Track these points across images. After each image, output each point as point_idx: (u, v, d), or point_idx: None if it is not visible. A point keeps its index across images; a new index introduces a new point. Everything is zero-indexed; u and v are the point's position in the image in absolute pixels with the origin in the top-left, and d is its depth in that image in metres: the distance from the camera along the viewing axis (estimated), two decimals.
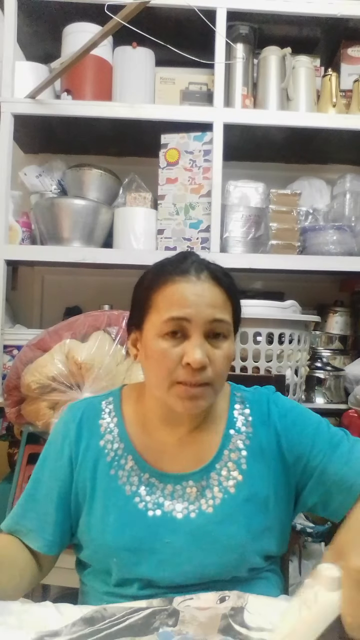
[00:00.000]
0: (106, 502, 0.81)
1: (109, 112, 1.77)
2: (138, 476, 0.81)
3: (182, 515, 0.79)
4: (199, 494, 0.80)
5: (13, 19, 1.74)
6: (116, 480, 0.81)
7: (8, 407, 1.50)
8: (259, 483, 0.81)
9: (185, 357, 0.74)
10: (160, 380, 0.77)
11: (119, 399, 0.89)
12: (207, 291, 0.77)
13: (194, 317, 0.75)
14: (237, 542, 0.78)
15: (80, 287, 2.08)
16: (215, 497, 0.79)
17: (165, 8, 1.74)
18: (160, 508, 0.79)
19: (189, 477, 0.81)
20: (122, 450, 0.83)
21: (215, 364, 0.76)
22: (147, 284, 0.81)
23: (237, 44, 1.83)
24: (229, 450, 0.83)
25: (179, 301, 0.76)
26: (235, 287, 0.82)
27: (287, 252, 1.80)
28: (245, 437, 0.84)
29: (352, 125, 1.81)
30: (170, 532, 0.78)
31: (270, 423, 0.84)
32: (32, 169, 1.96)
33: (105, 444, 0.84)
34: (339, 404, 1.80)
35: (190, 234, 1.79)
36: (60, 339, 1.43)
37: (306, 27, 1.89)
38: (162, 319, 0.76)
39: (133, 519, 0.79)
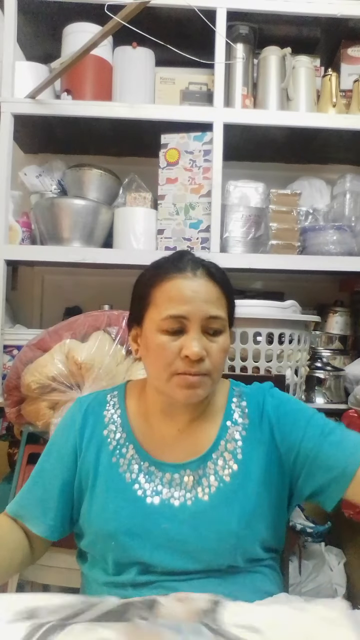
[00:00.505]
0: (107, 488, 0.85)
1: (109, 112, 1.77)
2: (138, 464, 0.86)
3: (179, 503, 0.82)
4: (196, 482, 0.83)
5: (13, 19, 1.74)
6: (117, 468, 0.86)
7: (8, 407, 1.50)
8: (254, 472, 0.85)
9: (183, 350, 0.79)
10: (160, 372, 0.82)
11: (123, 392, 0.94)
12: (202, 287, 0.82)
13: (191, 314, 0.80)
14: (231, 528, 0.81)
15: (80, 287, 2.08)
16: (211, 485, 0.83)
17: (165, 8, 1.74)
18: (159, 495, 0.83)
19: (186, 466, 0.85)
20: (124, 439, 0.88)
21: (212, 356, 0.81)
22: (145, 281, 0.86)
23: (237, 44, 1.83)
24: (225, 441, 0.86)
25: (176, 297, 0.81)
26: (228, 283, 0.87)
27: (287, 252, 1.80)
28: (241, 428, 0.88)
29: (352, 125, 1.81)
30: (168, 519, 0.81)
31: (265, 414, 0.88)
32: (32, 169, 1.96)
33: (109, 433, 0.89)
34: (339, 404, 1.80)
35: (190, 234, 1.79)
36: (60, 339, 1.43)
37: (306, 27, 1.89)
38: (161, 315, 0.81)
39: (132, 504, 0.83)
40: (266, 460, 0.85)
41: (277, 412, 0.88)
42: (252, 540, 0.83)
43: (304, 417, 0.87)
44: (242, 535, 0.81)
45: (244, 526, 0.82)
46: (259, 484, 0.84)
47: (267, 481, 0.85)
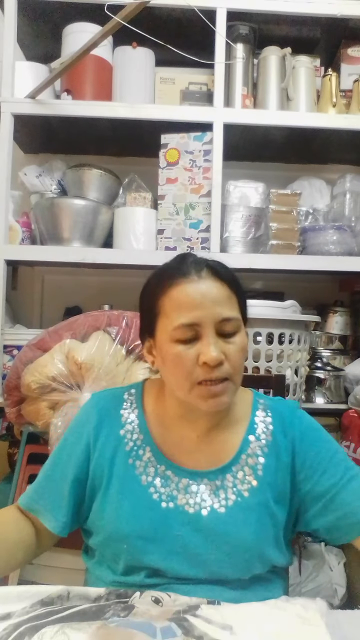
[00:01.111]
0: (122, 490, 0.82)
1: (109, 112, 1.77)
2: (154, 467, 0.83)
3: (193, 511, 0.80)
4: (213, 492, 0.81)
5: (13, 19, 1.74)
6: (133, 469, 0.83)
7: (8, 407, 1.50)
8: (272, 492, 0.83)
9: (201, 357, 0.76)
10: (181, 383, 0.78)
11: (140, 391, 0.91)
12: (210, 289, 0.78)
13: (204, 319, 0.77)
14: (246, 544, 0.79)
15: (80, 287, 2.08)
16: (228, 498, 0.81)
17: (165, 8, 1.74)
18: (174, 501, 0.81)
19: (204, 474, 0.83)
20: (141, 441, 0.85)
21: (230, 358, 0.78)
22: (151, 292, 0.83)
23: (237, 44, 1.83)
24: (247, 455, 0.84)
25: (185, 304, 0.77)
26: (236, 279, 0.83)
27: (287, 252, 1.80)
28: (264, 444, 0.85)
29: (352, 125, 1.81)
30: (182, 525, 0.80)
31: (290, 436, 0.86)
32: (32, 169, 1.96)
33: (125, 433, 0.86)
34: (339, 404, 1.80)
35: (190, 234, 1.79)
36: (60, 339, 1.43)
37: (306, 27, 1.89)
38: (172, 325, 0.77)
39: (147, 508, 0.81)
40: (283, 481, 0.84)
41: (303, 437, 0.86)
42: (263, 557, 0.81)
43: (328, 451, 0.85)
44: (255, 551, 0.80)
45: (258, 543, 0.80)
46: (275, 503, 0.83)
47: (281, 502, 0.84)
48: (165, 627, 0.63)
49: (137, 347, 1.43)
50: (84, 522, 0.88)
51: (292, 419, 0.88)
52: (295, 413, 0.89)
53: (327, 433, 0.89)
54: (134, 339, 1.43)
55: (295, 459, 0.84)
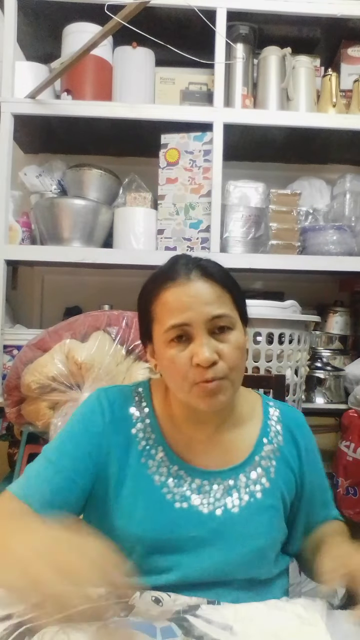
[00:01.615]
0: (135, 490, 0.81)
1: (109, 112, 1.77)
2: (167, 467, 0.82)
3: (207, 511, 0.80)
4: (226, 492, 0.82)
5: (13, 19, 1.74)
6: (146, 469, 0.82)
7: (8, 407, 1.50)
8: (283, 494, 0.85)
9: (194, 358, 0.76)
10: (179, 385, 0.79)
11: (148, 390, 0.90)
12: (199, 290, 0.78)
13: (193, 319, 0.76)
14: (259, 544, 0.80)
15: (80, 287, 2.08)
16: (241, 498, 0.82)
17: (165, 8, 1.74)
18: (187, 501, 0.81)
19: (217, 474, 0.83)
20: (154, 440, 0.84)
21: (225, 357, 0.77)
22: (145, 297, 0.84)
23: (237, 44, 1.83)
24: (260, 457, 0.85)
25: (174, 307, 0.77)
26: (229, 277, 0.82)
27: (287, 252, 1.80)
28: (276, 448, 0.87)
29: (352, 125, 1.81)
30: (195, 526, 0.79)
31: (298, 447, 0.89)
32: (32, 169, 1.96)
33: (137, 432, 0.84)
34: (339, 404, 1.80)
35: (190, 234, 1.79)
36: (60, 339, 1.43)
37: (306, 27, 1.89)
38: (163, 328, 0.78)
39: (161, 509, 0.80)
40: (290, 484, 0.87)
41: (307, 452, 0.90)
42: (273, 557, 0.83)
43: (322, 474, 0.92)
44: (267, 552, 0.82)
45: (270, 544, 0.82)
46: (285, 507, 0.85)
47: (288, 504, 0.87)
48: (166, 627, 0.63)
49: (137, 347, 1.43)
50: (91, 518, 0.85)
51: (299, 425, 0.91)
52: (302, 424, 0.92)
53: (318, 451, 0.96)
54: (134, 339, 1.43)
55: (302, 467, 0.88)
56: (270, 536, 0.82)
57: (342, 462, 1.68)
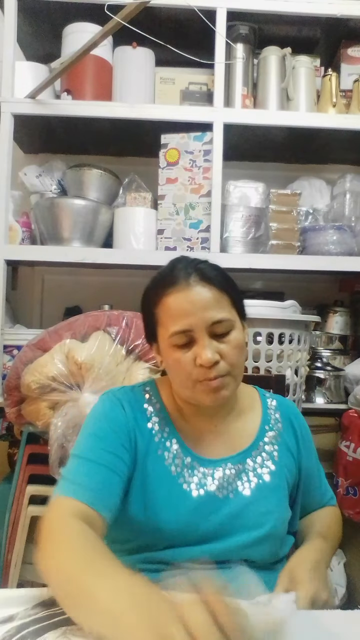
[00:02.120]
0: (155, 481, 0.85)
1: (109, 112, 1.77)
2: (181, 459, 0.87)
3: (222, 495, 0.85)
4: (236, 476, 0.87)
5: (13, 19, 1.74)
6: (163, 460, 0.87)
7: (8, 407, 1.50)
8: (286, 476, 0.92)
9: (197, 359, 0.81)
10: (184, 383, 0.84)
11: (155, 387, 0.95)
12: (199, 294, 0.82)
13: (195, 325, 0.81)
14: (271, 523, 0.86)
15: (80, 287, 2.08)
16: (250, 480, 0.88)
17: (165, 8, 1.74)
18: (203, 487, 0.86)
19: (226, 460, 0.88)
20: (168, 433, 0.89)
21: (226, 356, 0.83)
22: (148, 301, 0.88)
23: (237, 44, 1.83)
24: (264, 442, 0.92)
25: (176, 313, 0.82)
26: (227, 279, 0.86)
27: (287, 252, 1.80)
28: (277, 434, 0.94)
29: (352, 125, 1.81)
30: (213, 511, 0.84)
31: (294, 431, 0.96)
32: (32, 169, 1.96)
33: (153, 426, 0.89)
34: (339, 404, 1.80)
35: (190, 234, 1.79)
36: (60, 339, 1.43)
37: (306, 27, 1.89)
38: (168, 333, 0.83)
39: (180, 499, 0.84)
40: (290, 469, 0.93)
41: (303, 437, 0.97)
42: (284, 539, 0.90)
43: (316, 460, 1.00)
44: (278, 533, 0.87)
45: (280, 524, 0.88)
46: (288, 486, 0.92)
47: (291, 485, 0.93)
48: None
49: (137, 347, 1.43)
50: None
51: (296, 414, 0.99)
52: (297, 412, 1.00)
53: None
54: (134, 339, 1.43)
55: (300, 451, 0.95)
56: (280, 515, 0.88)
57: (342, 462, 1.68)
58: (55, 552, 0.66)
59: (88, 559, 0.64)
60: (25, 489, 1.48)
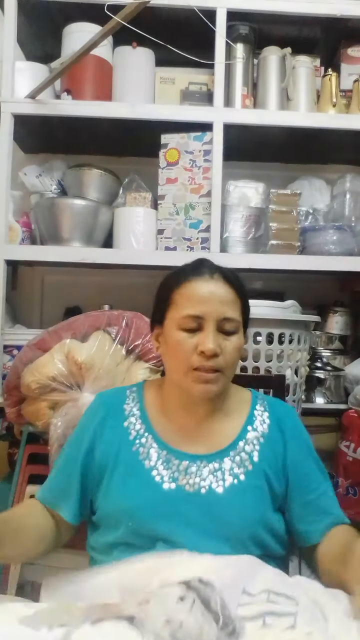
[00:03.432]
0: (126, 473, 0.90)
1: (109, 112, 1.77)
2: (157, 453, 0.91)
3: (193, 490, 0.88)
4: (211, 474, 0.89)
5: (13, 19, 1.74)
6: (137, 455, 0.91)
7: (8, 407, 1.50)
8: (267, 477, 0.91)
9: (199, 346, 0.86)
10: (178, 366, 0.89)
11: (141, 388, 1.01)
12: (219, 289, 0.89)
13: (207, 314, 0.87)
14: (242, 525, 0.86)
15: (80, 287, 2.08)
16: (225, 479, 0.89)
17: (165, 8, 1.74)
18: (175, 481, 0.88)
19: (203, 457, 0.91)
20: (143, 430, 0.94)
21: (225, 353, 0.88)
22: (168, 285, 0.94)
23: (237, 44, 1.83)
24: (244, 442, 0.93)
25: (195, 298, 0.88)
26: (243, 287, 0.94)
27: (287, 252, 1.79)
28: (260, 435, 0.94)
29: (352, 125, 1.81)
30: (183, 503, 0.87)
31: (283, 430, 0.95)
32: (32, 169, 1.96)
33: (129, 424, 0.95)
34: (339, 404, 1.80)
35: (190, 234, 1.78)
36: (60, 339, 1.43)
37: (306, 27, 1.89)
38: (180, 314, 0.88)
39: (150, 488, 0.88)
40: (276, 469, 0.92)
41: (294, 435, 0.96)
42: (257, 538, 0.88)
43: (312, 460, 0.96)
44: (250, 531, 0.87)
45: (253, 524, 0.87)
46: (269, 488, 0.90)
47: (274, 488, 0.91)
48: None
49: (137, 347, 1.43)
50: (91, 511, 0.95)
51: (287, 415, 0.99)
52: (290, 415, 1.00)
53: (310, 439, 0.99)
54: (134, 339, 1.43)
55: (286, 456, 0.93)
56: (252, 516, 0.87)
57: (342, 462, 1.68)
58: None
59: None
60: (25, 489, 1.48)
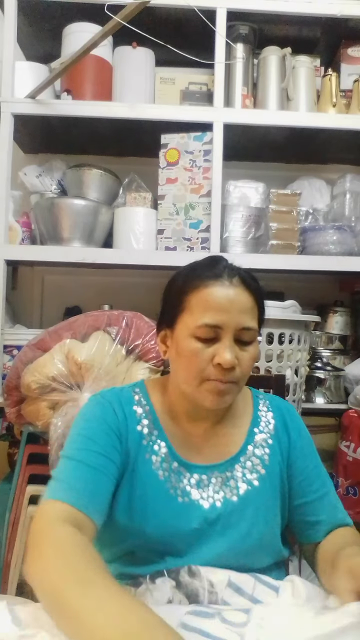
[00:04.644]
0: (144, 485, 0.84)
1: (109, 112, 1.77)
2: (168, 463, 0.86)
3: (208, 504, 0.84)
4: (223, 484, 0.86)
5: (13, 19, 1.74)
6: (150, 464, 0.85)
7: (8, 407, 1.50)
8: (276, 479, 0.89)
9: (216, 358, 0.80)
10: (191, 377, 0.82)
11: (145, 390, 0.93)
12: (239, 296, 0.82)
13: (226, 324, 0.80)
14: (259, 529, 0.84)
15: (80, 287, 2.08)
16: (239, 487, 0.86)
17: (165, 8, 1.74)
18: (188, 496, 0.84)
19: (214, 468, 0.87)
20: (156, 436, 0.87)
21: (242, 364, 0.82)
22: (179, 286, 0.85)
23: (237, 44, 1.83)
24: (253, 446, 0.89)
25: (213, 306, 0.80)
26: (261, 292, 0.87)
27: (287, 252, 1.80)
28: (267, 436, 0.91)
29: (352, 125, 1.81)
30: (198, 519, 0.82)
31: (289, 432, 0.93)
32: (32, 169, 1.96)
33: (142, 429, 0.87)
34: (339, 404, 1.80)
35: (190, 234, 1.79)
36: (60, 339, 1.43)
37: (306, 27, 1.89)
38: (196, 323, 0.81)
39: (166, 504, 0.83)
40: (281, 469, 0.90)
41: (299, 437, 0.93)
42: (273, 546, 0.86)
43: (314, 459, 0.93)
44: (267, 539, 0.85)
45: (270, 531, 0.85)
46: (279, 491, 0.88)
47: (282, 489, 0.89)
48: None
49: (137, 347, 1.43)
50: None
51: (292, 417, 0.95)
52: (293, 412, 0.96)
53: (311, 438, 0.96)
54: (134, 339, 1.43)
55: (290, 454, 0.91)
56: (269, 523, 0.85)
57: (342, 462, 1.68)
58: (43, 559, 0.64)
59: (76, 570, 0.61)
60: (25, 489, 1.48)
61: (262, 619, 0.66)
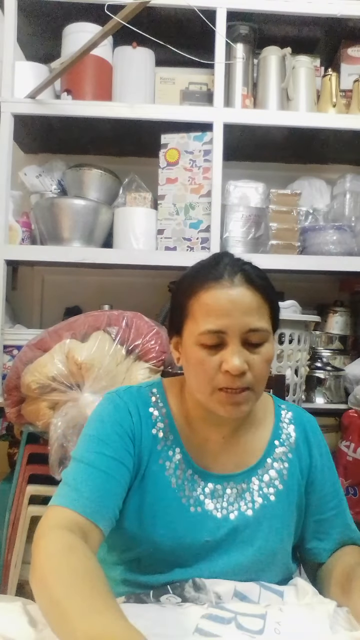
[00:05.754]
0: (154, 492, 0.80)
1: (109, 112, 1.77)
2: (183, 470, 0.82)
3: (221, 515, 0.81)
4: (239, 495, 0.82)
5: (13, 19, 1.74)
6: (163, 470, 0.82)
7: (8, 407, 1.50)
8: (294, 495, 0.85)
9: (224, 365, 0.75)
10: (202, 386, 0.77)
11: (162, 390, 0.88)
12: (241, 297, 0.76)
13: (230, 328, 0.75)
14: (273, 546, 0.81)
15: (80, 287, 2.08)
16: (255, 501, 0.82)
17: (165, 8, 1.74)
18: (201, 506, 0.81)
19: (230, 478, 0.83)
20: (171, 442, 0.83)
21: (254, 368, 0.76)
22: (182, 291, 0.81)
23: (237, 44, 1.83)
24: (272, 459, 0.85)
25: (214, 311, 0.75)
26: (270, 287, 0.81)
27: (287, 252, 1.80)
28: (288, 450, 0.87)
29: (352, 125, 1.81)
30: (210, 531, 0.80)
31: (311, 449, 0.88)
32: (32, 169, 1.96)
33: (157, 432, 0.83)
34: (339, 404, 1.80)
35: (190, 234, 1.78)
36: (60, 339, 1.43)
37: (306, 27, 1.89)
38: (199, 330, 0.76)
39: (178, 513, 0.80)
40: (299, 486, 0.86)
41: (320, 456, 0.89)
42: (285, 563, 0.83)
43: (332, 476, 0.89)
44: (280, 556, 0.82)
45: (283, 547, 0.82)
46: (295, 507, 0.85)
47: (299, 506, 0.86)
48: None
49: (137, 347, 1.43)
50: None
51: (314, 432, 0.90)
52: (315, 426, 0.91)
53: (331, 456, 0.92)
54: (134, 339, 1.43)
55: (310, 471, 0.87)
56: (282, 539, 0.82)
57: (342, 462, 1.68)
58: (43, 569, 0.63)
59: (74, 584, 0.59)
60: (25, 489, 1.48)
61: (279, 623, 0.66)
